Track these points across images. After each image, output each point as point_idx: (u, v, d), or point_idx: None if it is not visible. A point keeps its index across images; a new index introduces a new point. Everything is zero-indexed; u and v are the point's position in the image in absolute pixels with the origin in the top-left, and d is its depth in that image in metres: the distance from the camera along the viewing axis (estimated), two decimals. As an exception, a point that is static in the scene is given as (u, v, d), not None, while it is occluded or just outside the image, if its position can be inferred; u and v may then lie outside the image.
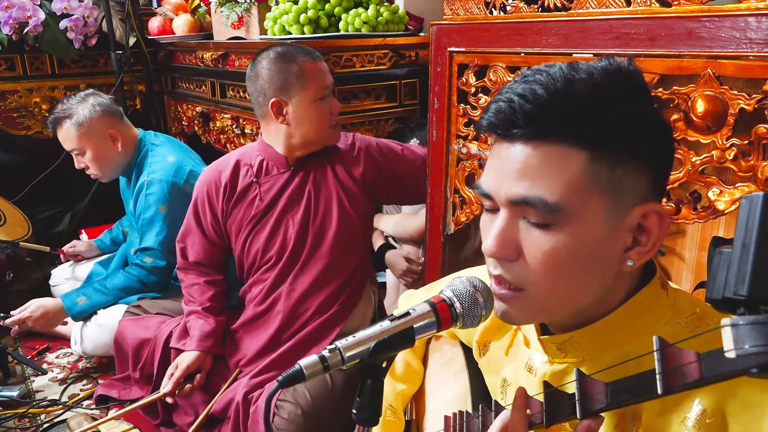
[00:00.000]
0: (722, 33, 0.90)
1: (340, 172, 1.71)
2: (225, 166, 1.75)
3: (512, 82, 0.66)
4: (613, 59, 0.65)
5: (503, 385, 0.87)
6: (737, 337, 0.44)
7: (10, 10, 2.60)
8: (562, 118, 0.62)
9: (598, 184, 0.63)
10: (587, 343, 0.71)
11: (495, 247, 0.66)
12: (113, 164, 2.20)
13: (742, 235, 0.48)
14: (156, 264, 2.10)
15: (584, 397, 0.61)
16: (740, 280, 0.46)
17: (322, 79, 1.62)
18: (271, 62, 1.60)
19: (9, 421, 1.89)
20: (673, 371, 0.53)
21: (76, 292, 2.13)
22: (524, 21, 1.22)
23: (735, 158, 0.92)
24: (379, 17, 2.04)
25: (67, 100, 2.14)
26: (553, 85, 0.62)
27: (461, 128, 1.42)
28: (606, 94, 0.63)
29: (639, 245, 0.66)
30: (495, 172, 0.67)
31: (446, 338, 1.11)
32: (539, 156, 0.63)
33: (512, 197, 0.64)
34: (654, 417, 0.66)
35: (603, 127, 0.62)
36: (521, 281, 0.67)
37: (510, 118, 0.63)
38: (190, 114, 2.88)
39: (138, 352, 1.88)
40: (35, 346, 2.35)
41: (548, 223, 0.64)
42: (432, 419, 1.04)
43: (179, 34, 2.80)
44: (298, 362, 0.66)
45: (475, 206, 1.42)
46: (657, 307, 0.69)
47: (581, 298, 0.68)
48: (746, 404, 0.60)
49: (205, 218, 1.77)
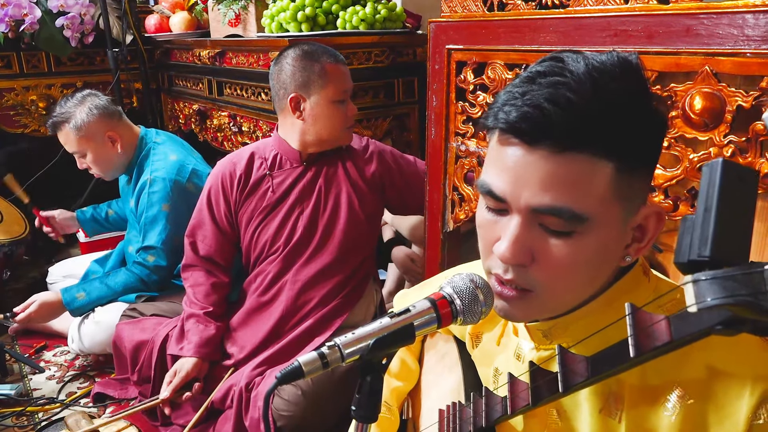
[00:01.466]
0: (720, 30, 0.90)
1: (352, 171, 1.76)
2: (240, 158, 1.79)
3: (525, 79, 0.63)
4: (619, 55, 0.63)
5: (495, 374, 0.87)
6: (698, 291, 0.46)
7: (7, 7, 2.59)
8: (595, 128, 0.60)
9: (618, 192, 0.62)
10: (571, 329, 0.72)
11: (512, 255, 0.64)
12: (114, 164, 2.20)
13: (704, 200, 0.49)
14: (158, 263, 2.10)
15: (566, 371, 0.62)
16: (703, 242, 0.48)
17: (342, 82, 1.66)
18: (295, 59, 1.64)
19: (7, 420, 1.88)
20: (643, 333, 0.55)
21: (76, 288, 2.13)
22: (522, 18, 1.22)
23: (732, 155, 0.92)
24: (377, 15, 2.04)
25: (65, 102, 2.13)
26: (583, 90, 0.60)
27: (460, 126, 1.42)
28: (633, 101, 0.62)
29: (636, 242, 0.68)
30: (511, 176, 0.64)
31: (440, 334, 1.11)
32: (566, 166, 0.61)
33: (536, 206, 0.62)
34: (637, 399, 0.67)
35: (631, 137, 0.62)
36: (531, 284, 0.66)
37: (540, 126, 0.60)
38: (187, 112, 2.87)
39: (135, 354, 1.88)
40: (32, 344, 2.34)
41: (570, 231, 0.63)
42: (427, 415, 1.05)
43: (176, 31, 2.80)
44: (296, 359, 0.67)
45: (474, 204, 1.42)
46: (639, 292, 0.71)
47: (585, 295, 0.69)
48: (725, 374, 0.62)
49: (218, 208, 1.80)
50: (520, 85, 0.63)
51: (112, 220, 2.52)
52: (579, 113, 0.59)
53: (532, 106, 0.60)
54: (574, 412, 0.74)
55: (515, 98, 0.62)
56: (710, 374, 0.63)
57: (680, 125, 0.98)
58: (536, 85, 0.61)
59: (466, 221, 1.47)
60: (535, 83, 0.62)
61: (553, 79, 0.61)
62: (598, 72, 0.61)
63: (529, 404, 0.67)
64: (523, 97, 0.62)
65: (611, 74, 0.61)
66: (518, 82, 0.64)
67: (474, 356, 0.96)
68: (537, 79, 0.62)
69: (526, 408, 0.68)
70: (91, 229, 2.53)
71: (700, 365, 0.64)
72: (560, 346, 0.64)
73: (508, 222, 0.65)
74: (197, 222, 1.84)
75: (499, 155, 0.65)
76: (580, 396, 0.72)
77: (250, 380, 1.63)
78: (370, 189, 1.76)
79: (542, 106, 0.60)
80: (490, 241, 0.68)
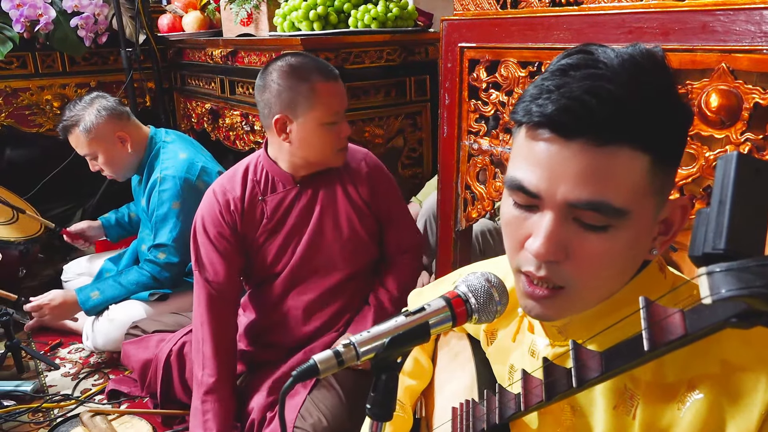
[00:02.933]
0: (737, 26, 0.89)
1: (351, 190, 1.63)
2: (233, 182, 1.62)
3: (557, 72, 0.62)
4: (645, 47, 0.63)
5: (510, 371, 0.87)
6: (713, 283, 0.46)
7: (22, 8, 2.61)
8: (637, 121, 0.59)
9: (654, 186, 0.62)
10: (586, 326, 0.72)
11: (547, 251, 0.63)
12: (125, 165, 2.22)
13: (719, 192, 0.49)
14: (169, 260, 2.11)
15: (579, 366, 0.62)
16: (718, 234, 0.48)
17: (333, 104, 1.50)
18: (281, 75, 1.48)
19: (23, 416, 1.91)
20: (657, 326, 0.55)
21: (90, 287, 2.15)
22: (535, 16, 1.21)
23: (749, 153, 0.91)
24: (389, 13, 2.04)
25: (73, 105, 2.15)
26: (621, 82, 0.59)
27: (472, 124, 1.41)
28: (666, 94, 0.62)
29: (662, 235, 0.68)
30: (545, 171, 0.62)
31: (453, 332, 1.10)
32: (605, 159, 0.60)
33: (574, 201, 0.61)
34: (651, 396, 0.67)
35: (666, 129, 0.61)
36: (564, 280, 0.65)
37: (581, 118, 0.59)
38: (199, 111, 2.89)
39: (144, 373, 1.87)
40: (48, 342, 2.37)
41: (606, 225, 0.62)
42: (441, 413, 1.05)
43: (189, 31, 2.81)
44: (312, 357, 0.67)
45: (486, 202, 1.42)
46: (655, 289, 0.70)
47: (614, 289, 0.69)
48: (740, 368, 0.62)
49: (217, 237, 1.62)
50: (551, 78, 0.62)
51: (135, 222, 2.54)
52: (621, 105, 0.58)
53: (571, 99, 0.59)
54: (588, 408, 0.73)
55: (549, 91, 0.61)
56: (725, 369, 0.62)
57: (696, 123, 0.97)
58: (569, 78, 0.60)
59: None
60: (568, 76, 0.60)
61: (588, 71, 0.60)
62: (629, 64, 0.60)
63: (543, 400, 0.67)
64: (558, 90, 0.60)
65: (643, 67, 0.61)
66: (548, 76, 0.62)
67: (489, 354, 0.95)
68: (569, 72, 0.61)
69: (540, 404, 0.68)
70: (116, 234, 2.56)
71: (714, 360, 0.63)
72: (574, 342, 0.63)
73: (540, 218, 0.64)
74: (200, 260, 1.63)
75: (531, 150, 0.63)
76: (595, 392, 0.72)
77: (262, 412, 1.58)
78: (368, 208, 1.65)
79: (582, 98, 0.58)
80: (519, 239, 0.67)
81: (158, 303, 2.16)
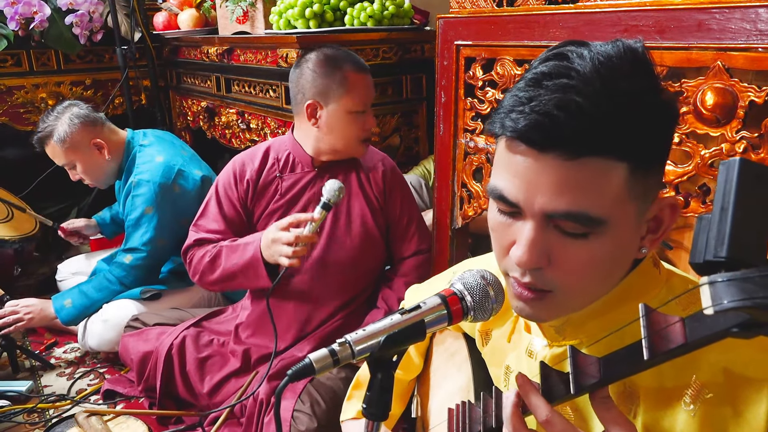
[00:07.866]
0: (732, 24, 0.89)
1: (366, 186, 1.69)
2: (254, 156, 1.72)
3: (531, 82, 0.61)
4: (624, 44, 0.61)
5: (506, 372, 0.87)
6: (715, 293, 0.45)
7: (17, 5, 2.60)
8: (607, 132, 0.58)
9: (633, 192, 0.62)
10: (584, 325, 0.72)
11: (529, 260, 0.63)
12: (105, 172, 2.21)
13: (721, 199, 0.48)
14: (135, 263, 2.11)
15: (577, 373, 0.61)
16: (719, 242, 0.47)
17: (362, 94, 1.59)
18: (317, 63, 1.57)
19: (18, 416, 1.90)
20: (657, 335, 0.54)
21: (65, 294, 2.14)
22: (531, 14, 1.21)
23: (745, 151, 0.91)
24: (385, 11, 2.03)
25: (46, 116, 2.13)
26: (592, 92, 0.58)
27: (468, 122, 1.41)
28: (644, 99, 0.60)
29: (651, 233, 0.67)
30: (523, 182, 0.62)
31: (450, 331, 1.10)
32: (580, 170, 0.59)
33: (551, 212, 0.61)
34: (652, 402, 0.67)
35: (644, 136, 0.60)
36: (549, 285, 0.66)
37: (550, 134, 0.59)
38: (195, 109, 2.88)
39: (142, 366, 1.86)
40: (43, 341, 2.36)
41: (586, 233, 0.62)
42: (436, 413, 1.05)
43: (184, 29, 2.80)
44: (307, 356, 0.66)
45: (482, 200, 1.42)
46: (650, 285, 0.70)
47: (605, 290, 0.69)
48: (743, 378, 0.61)
49: (228, 203, 1.70)
50: (525, 89, 0.61)
51: None
52: (590, 119, 0.58)
53: (541, 114, 0.58)
54: (589, 408, 0.73)
55: (521, 104, 0.60)
56: (727, 377, 0.62)
57: (692, 121, 0.97)
58: (542, 89, 0.59)
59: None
60: (541, 87, 0.60)
61: (560, 81, 0.59)
62: (605, 69, 0.59)
63: None
64: (529, 103, 0.60)
65: (619, 70, 0.59)
66: (523, 86, 0.62)
67: (484, 354, 0.95)
68: (543, 82, 0.60)
69: None
70: (111, 231, 2.56)
71: (716, 368, 0.63)
72: (572, 347, 0.63)
73: (522, 226, 0.64)
74: (202, 214, 1.74)
75: (510, 161, 0.63)
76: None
77: (265, 396, 1.59)
78: (380, 205, 1.69)
79: (551, 113, 0.58)
80: (505, 244, 0.67)
81: (151, 302, 2.15)
